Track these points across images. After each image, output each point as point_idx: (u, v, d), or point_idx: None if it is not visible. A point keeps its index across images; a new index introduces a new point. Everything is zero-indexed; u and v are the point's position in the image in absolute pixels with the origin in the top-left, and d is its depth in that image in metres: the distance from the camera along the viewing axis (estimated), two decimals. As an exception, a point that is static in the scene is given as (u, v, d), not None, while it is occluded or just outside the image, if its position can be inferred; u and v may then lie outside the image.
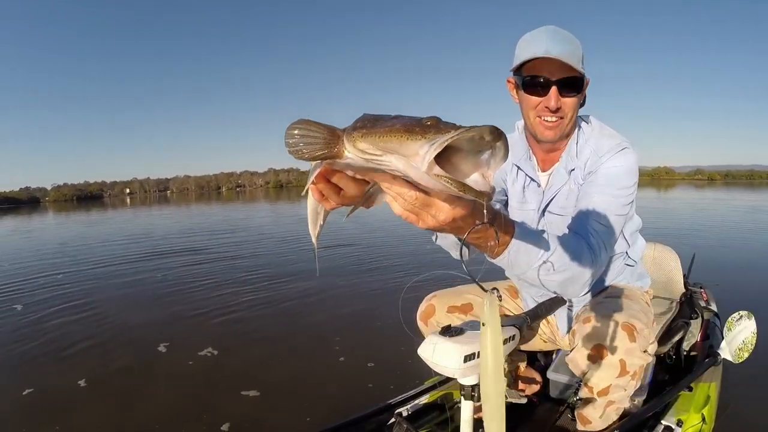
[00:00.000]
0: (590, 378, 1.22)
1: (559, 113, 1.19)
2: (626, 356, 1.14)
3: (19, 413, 2.47)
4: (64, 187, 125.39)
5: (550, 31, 1.15)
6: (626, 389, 1.22)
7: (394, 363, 2.72)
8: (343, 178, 0.62)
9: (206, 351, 3.25)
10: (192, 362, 3.09)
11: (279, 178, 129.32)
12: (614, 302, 1.27)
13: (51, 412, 2.46)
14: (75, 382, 2.80)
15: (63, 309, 4.61)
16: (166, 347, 3.38)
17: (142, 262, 7.30)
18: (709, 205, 17.14)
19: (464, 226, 0.68)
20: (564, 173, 1.29)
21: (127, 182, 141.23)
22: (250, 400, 2.52)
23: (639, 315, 1.22)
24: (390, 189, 0.59)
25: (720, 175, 75.93)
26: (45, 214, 32.74)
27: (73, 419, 2.39)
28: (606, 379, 1.19)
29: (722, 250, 6.80)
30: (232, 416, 2.33)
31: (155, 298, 5.00)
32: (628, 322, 1.16)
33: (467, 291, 1.59)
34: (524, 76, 1.19)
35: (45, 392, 2.71)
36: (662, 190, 33.24)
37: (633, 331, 1.15)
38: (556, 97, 1.16)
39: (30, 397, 2.65)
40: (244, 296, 4.82)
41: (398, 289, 1.58)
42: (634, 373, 1.17)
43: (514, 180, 1.43)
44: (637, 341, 1.14)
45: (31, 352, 3.38)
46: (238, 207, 27.52)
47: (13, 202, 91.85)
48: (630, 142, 1.23)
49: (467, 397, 1.07)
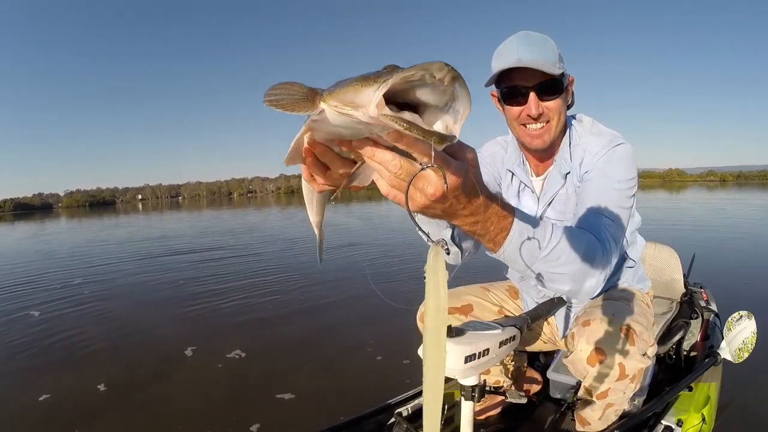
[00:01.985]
0: (589, 381, 1.22)
1: (543, 118, 1.18)
2: (625, 360, 1.14)
3: (37, 421, 2.40)
4: (76, 193, 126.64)
5: (521, 38, 1.14)
6: (625, 392, 1.21)
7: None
8: (327, 153, 0.61)
9: (234, 353, 3.16)
10: (221, 365, 3.00)
11: (290, 183, 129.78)
12: (614, 305, 1.26)
13: (70, 421, 2.36)
14: (95, 387, 2.72)
15: (82, 313, 4.55)
16: (192, 350, 3.28)
17: (161, 266, 7.28)
18: (727, 205, 16.97)
19: (457, 206, 0.63)
20: (559, 177, 1.28)
21: (139, 188, 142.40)
22: (286, 403, 2.44)
23: (639, 318, 1.21)
24: (373, 159, 0.55)
25: (732, 176, 74.83)
26: (58, 220, 32.91)
27: (94, 427, 2.30)
28: (605, 382, 1.19)
29: (722, 250, 6.78)
30: (268, 421, 2.24)
31: (177, 300, 4.92)
32: (628, 325, 1.16)
33: (466, 292, 1.59)
34: (502, 88, 1.19)
35: (63, 399, 2.62)
36: (673, 192, 32.88)
37: (633, 334, 1.14)
38: (536, 103, 1.15)
39: (47, 403, 2.57)
40: (268, 296, 4.79)
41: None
42: (634, 376, 1.17)
43: (509, 185, 1.42)
44: (636, 345, 1.14)
45: (49, 358, 3.30)
46: (251, 212, 27.36)
47: (26, 207, 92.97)
48: (623, 137, 1.21)
49: (467, 397, 1.07)
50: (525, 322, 1.33)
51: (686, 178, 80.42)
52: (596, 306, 1.27)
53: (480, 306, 1.55)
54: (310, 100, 0.54)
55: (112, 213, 41.59)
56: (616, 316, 1.18)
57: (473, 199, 0.64)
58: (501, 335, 1.12)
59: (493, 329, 1.13)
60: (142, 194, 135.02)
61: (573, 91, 1.25)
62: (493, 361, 1.08)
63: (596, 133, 1.24)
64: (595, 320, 1.18)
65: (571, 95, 1.24)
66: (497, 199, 0.71)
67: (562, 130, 1.24)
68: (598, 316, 1.19)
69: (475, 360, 1.01)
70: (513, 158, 1.38)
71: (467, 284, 1.66)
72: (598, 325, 1.17)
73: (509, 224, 0.73)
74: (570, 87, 1.23)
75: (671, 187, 43.98)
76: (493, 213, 0.70)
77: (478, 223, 0.68)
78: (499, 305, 1.60)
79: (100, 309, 4.72)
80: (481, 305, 1.56)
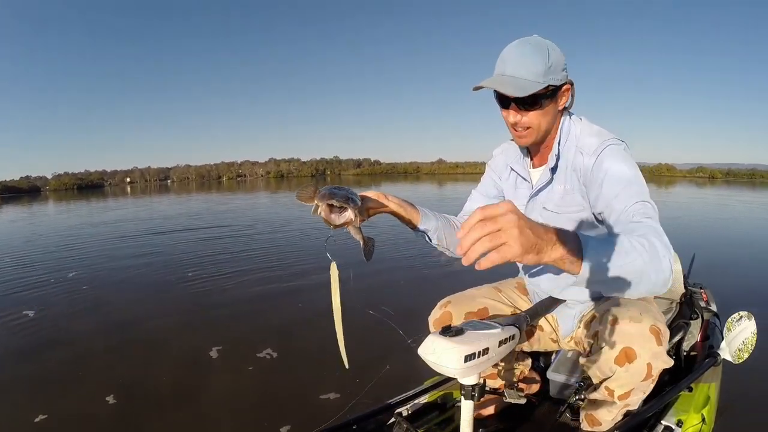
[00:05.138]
0: (614, 381, 1.20)
1: (523, 125, 1.23)
2: (653, 360, 1.14)
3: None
4: (64, 176, 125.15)
5: (515, 47, 1.17)
6: (645, 392, 1.23)
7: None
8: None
9: (265, 353, 2.99)
10: (251, 367, 2.83)
11: (280, 168, 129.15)
12: (639, 304, 1.24)
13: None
14: (102, 399, 2.43)
15: (81, 313, 4.16)
16: (218, 351, 3.06)
17: (166, 259, 6.80)
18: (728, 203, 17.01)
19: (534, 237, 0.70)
20: (548, 172, 1.32)
21: (127, 171, 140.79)
22: (331, 404, 2.28)
23: (660, 317, 1.21)
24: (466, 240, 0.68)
25: (721, 173, 75.70)
26: (46, 203, 31.78)
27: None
28: (630, 382, 1.18)
29: (723, 250, 6.80)
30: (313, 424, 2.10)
31: (196, 296, 4.58)
32: (655, 325, 1.15)
33: (480, 294, 1.58)
34: (495, 92, 1.23)
35: (62, 418, 2.31)
36: (662, 186, 33.15)
37: (659, 334, 1.15)
38: (515, 113, 1.22)
39: (44, 427, 2.25)
40: (293, 289, 4.57)
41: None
42: (656, 376, 1.18)
43: (507, 179, 1.50)
44: (663, 345, 1.14)
45: (47, 370, 2.91)
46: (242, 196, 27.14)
47: (13, 191, 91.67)
48: (616, 137, 1.22)
49: (467, 396, 1.07)
50: (524, 320, 1.32)
51: (675, 173, 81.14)
52: (616, 305, 1.25)
53: (495, 308, 1.55)
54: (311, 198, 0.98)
55: (101, 196, 39.78)
56: (644, 316, 1.17)
57: (535, 227, 0.72)
58: (500, 334, 1.12)
59: (492, 328, 1.13)
60: (130, 177, 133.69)
61: (573, 94, 1.27)
62: (493, 360, 1.08)
63: (589, 134, 1.26)
64: (623, 319, 1.17)
65: (566, 100, 1.27)
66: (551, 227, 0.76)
67: (548, 131, 1.28)
68: (627, 315, 1.18)
69: (474, 359, 1.01)
70: (514, 154, 1.46)
71: (477, 285, 1.65)
72: (627, 324, 1.16)
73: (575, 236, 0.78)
74: (566, 93, 1.25)
75: (660, 181, 44.36)
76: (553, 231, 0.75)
77: (555, 245, 0.74)
78: (513, 305, 1.60)
79: (107, 308, 4.41)
80: (495, 307, 1.55)
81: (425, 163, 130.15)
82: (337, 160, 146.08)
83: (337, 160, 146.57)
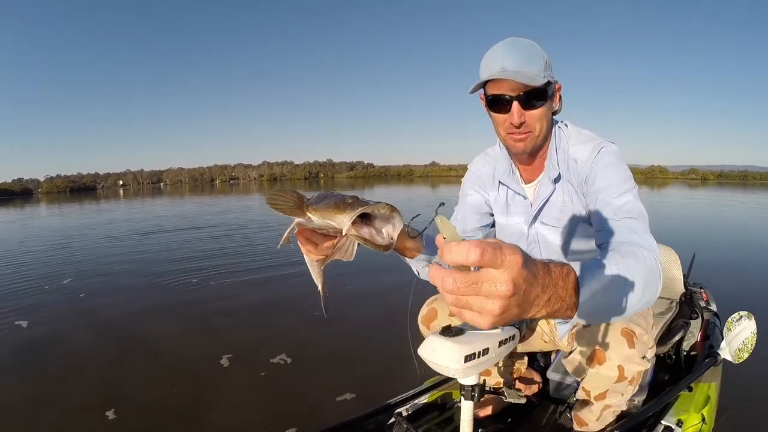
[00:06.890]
0: (588, 382, 1.22)
1: (525, 127, 1.17)
2: (624, 362, 1.14)
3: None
4: (57, 178, 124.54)
5: (507, 45, 1.13)
6: (624, 394, 1.22)
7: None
8: (313, 235, 0.84)
9: (279, 358, 2.88)
10: (264, 373, 2.71)
11: (273, 171, 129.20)
12: None
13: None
14: (103, 413, 2.29)
15: (78, 322, 3.91)
16: (229, 359, 2.91)
17: (168, 262, 6.63)
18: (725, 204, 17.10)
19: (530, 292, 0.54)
20: (549, 183, 1.27)
21: (120, 174, 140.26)
22: (348, 405, 2.21)
23: (638, 320, 1.21)
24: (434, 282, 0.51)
25: (714, 175, 76.42)
26: (39, 206, 31.30)
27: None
28: (603, 384, 1.19)
29: (723, 250, 6.82)
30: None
31: (201, 302, 4.39)
32: (628, 327, 1.15)
33: None
34: (488, 96, 1.18)
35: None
36: (655, 188, 33.35)
37: (632, 336, 1.14)
38: (519, 112, 1.15)
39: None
40: (302, 293, 4.37)
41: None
42: (632, 378, 1.17)
43: (497, 195, 1.41)
44: (636, 347, 1.14)
45: (43, 383, 2.75)
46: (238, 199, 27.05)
47: (5, 193, 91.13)
48: (606, 141, 1.21)
49: (467, 397, 1.06)
50: (524, 321, 1.31)
51: (668, 175, 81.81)
52: None
53: None
54: (299, 208, 0.76)
55: (94, 199, 39.43)
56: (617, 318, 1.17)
57: (536, 272, 0.56)
58: (500, 334, 1.11)
59: (492, 328, 1.11)
60: (123, 180, 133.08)
61: (561, 97, 1.24)
62: (493, 360, 1.07)
63: (581, 140, 1.24)
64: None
65: (558, 102, 1.24)
66: (547, 262, 0.61)
67: (546, 136, 1.24)
68: None
69: (474, 359, 1.00)
70: (502, 168, 1.37)
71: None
72: (597, 326, 1.17)
73: (572, 272, 0.65)
74: (557, 93, 1.22)
75: (653, 183, 44.60)
76: (557, 276, 0.61)
77: (551, 299, 0.59)
78: None
79: (98, 311, 4.28)
80: None
81: (419, 165, 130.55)
82: (330, 163, 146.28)
83: (330, 162, 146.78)
